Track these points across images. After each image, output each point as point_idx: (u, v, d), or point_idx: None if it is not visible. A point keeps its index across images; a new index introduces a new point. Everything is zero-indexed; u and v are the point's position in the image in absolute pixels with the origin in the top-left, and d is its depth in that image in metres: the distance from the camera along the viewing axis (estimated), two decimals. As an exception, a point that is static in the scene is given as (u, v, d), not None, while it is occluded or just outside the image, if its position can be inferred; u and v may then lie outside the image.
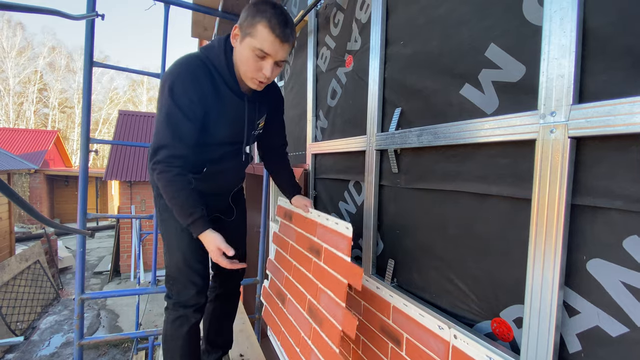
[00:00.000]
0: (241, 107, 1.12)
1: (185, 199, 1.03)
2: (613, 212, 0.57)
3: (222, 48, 1.04)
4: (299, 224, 1.44)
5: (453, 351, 0.84)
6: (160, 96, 1.01)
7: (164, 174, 1.01)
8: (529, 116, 0.67)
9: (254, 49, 0.96)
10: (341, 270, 1.08)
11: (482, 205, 0.81)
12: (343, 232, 1.11)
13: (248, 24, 0.96)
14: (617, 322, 0.57)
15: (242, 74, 1.04)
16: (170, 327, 1.23)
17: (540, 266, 0.66)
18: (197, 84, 1.00)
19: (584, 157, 0.61)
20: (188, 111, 1.00)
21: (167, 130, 0.99)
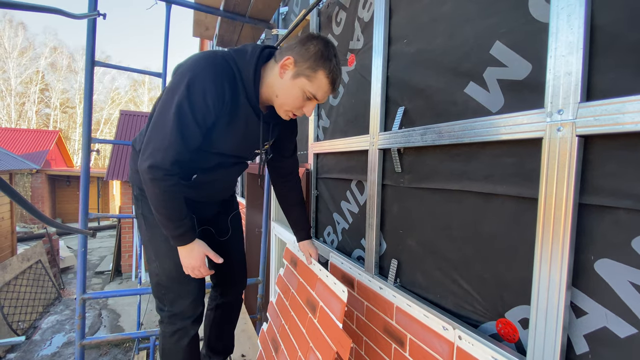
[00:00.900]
0: (256, 126, 1.07)
1: (178, 209, 0.97)
2: (621, 212, 0.56)
3: (254, 59, 0.98)
4: (302, 272, 1.40)
5: (458, 352, 0.83)
6: (174, 88, 0.89)
7: (161, 182, 0.92)
8: (535, 114, 0.66)
9: (306, 91, 0.96)
10: (332, 335, 1.04)
11: (487, 205, 0.80)
12: (339, 294, 1.07)
13: (309, 67, 0.94)
14: (625, 323, 0.56)
15: (278, 103, 1.01)
16: (168, 341, 1.17)
17: (547, 266, 0.65)
18: (219, 87, 0.92)
19: (591, 156, 0.60)
20: (200, 116, 0.91)
21: (174, 130, 0.89)
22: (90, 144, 1.65)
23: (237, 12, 1.95)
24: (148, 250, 1.16)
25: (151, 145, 0.91)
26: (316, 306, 1.18)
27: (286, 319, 1.40)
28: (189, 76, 0.88)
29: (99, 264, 8.33)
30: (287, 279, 1.52)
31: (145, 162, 0.92)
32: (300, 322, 1.27)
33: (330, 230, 1.63)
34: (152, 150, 0.91)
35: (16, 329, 4.79)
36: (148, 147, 0.92)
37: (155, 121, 0.93)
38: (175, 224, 0.98)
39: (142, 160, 0.93)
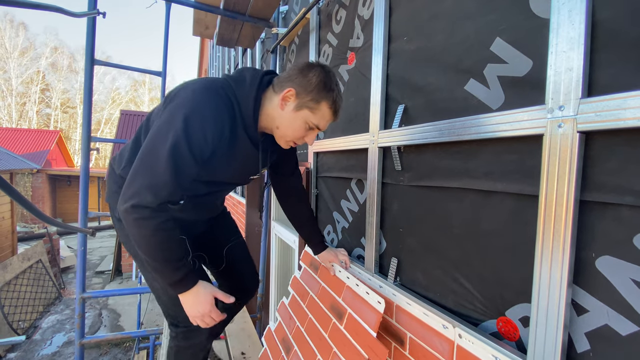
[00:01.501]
0: (253, 155, 1.02)
1: (175, 249, 0.86)
2: (623, 208, 0.56)
3: (254, 90, 0.93)
4: (324, 278, 1.37)
5: (458, 351, 0.82)
6: (169, 121, 0.81)
7: (149, 221, 0.81)
8: (536, 111, 0.65)
9: (309, 122, 0.94)
10: (363, 343, 1.01)
11: (487, 203, 0.80)
12: (374, 305, 1.04)
13: (312, 99, 0.92)
14: (627, 321, 0.56)
15: (280, 134, 0.98)
16: (182, 356, 1.11)
17: (547, 264, 0.64)
18: (218, 120, 0.86)
19: (592, 152, 0.59)
20: (197, 151, 0.84)
21: (168, 169, 0.80)
22: (90, 143, 1.65)
23: (237, 10, 1.95)
24: (146, 271, 1.06)
25: (138, 182, 0.80)
26: (343, 313, 1.16)
27: (302, 321, 1.39)
28: (186, 110, 0.81)
29: (100, 264, 8.33)
30: (306, 282, 1.51)
31: (128, 201, 0.80)
32: (321, 327, 1.25)
33: (330, 229, 1.62)
34: (138, 188, 0.80)
35: (17, 328, 4.79)
36: (134, 184, 0.80)
37: (145, 154, 0.82)
38: (173, 266, 0.86)
39: (125, 198, 0.80)
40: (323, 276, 1.40)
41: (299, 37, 2.02)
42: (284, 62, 2.30)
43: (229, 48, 3.95)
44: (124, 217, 0.82)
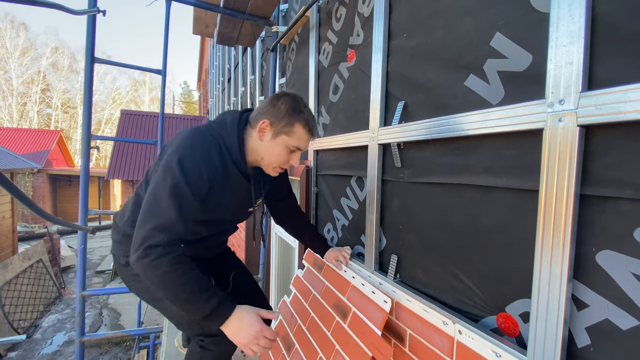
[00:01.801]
0: (245, 188, 1.08)
1: (197, 279, 0.85)
2: (623, 202, 0.56)
3: (235, 128, 1.00)
4: (329, 277, 1.37)
5: (458, 347, 0.82)
6: (166, 168, 0.87)
7: (163, 258, 0.81)
8: (536, 105, 0.65)
9: (289, 146, 1.00)
10: (367, 341, 1.01)
11: (487, 198, 0.80)
12: (380, 304, 1.04)
13: (285, 124, 0.98)
14: (627, 315, 0.55)
15: (265, 164, 1.04)
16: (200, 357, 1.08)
17: (548, 259, 0.64)
18: (209, 158, 0.93)
19: (593, 147, 0.59)
20: (196, 188, 0.89)
21: (172, 207, 0.84)
22: (90, 141, 1.65)
23: (237, 8, 1.95)
24: (158, 303, 1.06)
25: (146, 226, 0.83)
26: (347, 312, 1.16)
27: (304, 319, 1.39)
28: (179, 154, 0.88)
29: (100, 263, 8.34)
30: (309, 281, 1.51)
31: (140, 247, 0.82)
32: (324, 325, 1.25)
33: (330, 227, 1.62)
34: (147, 231, 0.82)
35: (17, 327, 4.80)
36: (142, 229, 0.83)
37: (149, 201, 0.87)
38: (203, 297, 0.84)
39: (137, 246, 0.82)
40: (327, 275, 1.40)
41: (299, 35, 2.02)
42: (284, 61, 2.30)
43: (229, 47, 3.95)
44: (140, 267, 0.83)
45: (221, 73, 5.76)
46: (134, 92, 30.63)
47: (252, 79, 3.25)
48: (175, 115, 9.63)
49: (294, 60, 2.11)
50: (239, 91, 3.88)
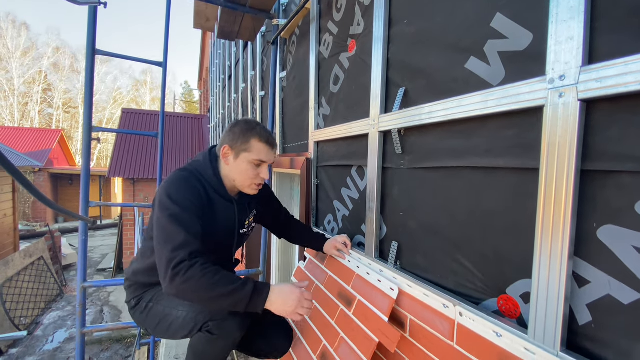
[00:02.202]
0: (231, 210, 1.19)
1: (227, 276, 0.93)
2: (624, 176, 0.56)
3: (207, 159, 1.15)
4: (332, 268, 1.37)
5: (458, 329, 0.82)
6: (159, 207, 1.00)
7: (192, 269, 0.89)
8: (537, 82, 0.65)
9: (252, 161, 1.11)
10: (373, 327, 1.01)
11: (488, 180, 0.80)
12: (387, 292, 1.04)
13: (242, 142, 1.11)
14: (629, 289, 0.55)
15: (239, 184, 1.15)
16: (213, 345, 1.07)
17: (548, 236, 0.64)
18: (191, 188, 1.06)
19: (594, 122, 0.59)
20: (191, 208, 1.01)
21: (178, 231, 0.94)
22: (91, 132, 1.65)
23: (237, 2, 1.95)
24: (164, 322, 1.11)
25: (164, 254, 0.91)
26: (352, 300, 1.16)
27: None
28: (165, 190, 1.02)
29: (101, 262, 8.36)
30: (311, 272, 1.51)
31: (167, 272, 0.89)
32: (327, 314, 1.25)
33: (331, 218, 1.62)
34: (168, 257, 0.91)
35: (18, 324, 4.81)
36: (162, 258, 0.92)
37: (158, 238, 0.96)
38: (240, 286, 0.92)
39: (163, 273, 0.91)
40: (330, 266, 1.40)
41: (299, 28, 2.02)
42: (285, 54, 2.30)
43: (230, 42, 3.95)
44: (174, 289, 0.90)
45: (222, 71, 5.76)
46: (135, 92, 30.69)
47: (253, 75, 3.25)
48: (175, 114, 9.64)
49: (295, 53, 2.12)
50: (240, 87, 3.88)
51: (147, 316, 1.15)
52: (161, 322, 1.11)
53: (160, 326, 1.12)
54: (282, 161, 2.20)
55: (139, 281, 1.19)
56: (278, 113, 2.40)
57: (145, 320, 1.16)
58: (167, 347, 1.56)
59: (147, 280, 1.19)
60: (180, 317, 1.07)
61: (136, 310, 1.19)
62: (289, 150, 2.25)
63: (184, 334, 1.07)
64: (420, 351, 0.94)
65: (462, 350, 0.80)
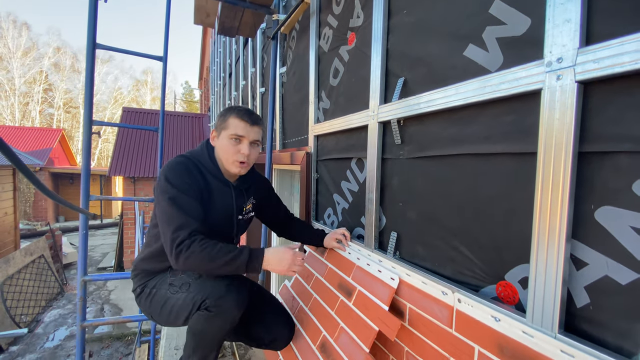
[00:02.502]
0: (228, 194, 1.23)
1: (226, 248, 1.02)
2: (622, 156, 0.56)
3: (204, 147, 1.23)
4: (332, 260, 1.38)
5: (457, 316, 0.82)
6: (159, 192, 1.08)
7: (192, 246, 0.99)
8: (534, 66, 0.65)
9: (230, 136, 1.16)
10: (373, 316, 1.03)
11: (486, 167, 0.80)
12: (387, 281, 1.05)
13: (221, 122, 1.19)
14: (627, 269, 0.55)
15: (225, 163, 1.19)
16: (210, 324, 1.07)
17: (546, 220, 0.64)
18: (189, 172, 1.12)
19: (591, 104, 0.59)
20: (189, 190, 1.08)
21: (177, 213, 1.02)
22: (91, 125, 1.66)
23: (237, -3, 1.95)
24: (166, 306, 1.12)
25: (168, 235, 1.02)
26: (352, 291, 1.17)
27: (306, 301, 1.40)
28: (164, 175, 1.09)
29: (102, 260, 8.36)
30: (311, 264, 1.52)
31: (172, 251, 1.00)
32: (327, 305, 1.26)
33: (331, 211, 1.62)
34: (171, 237, 1.01)
35: (19, 322, 4.81)
36: (167, 240, 1.02)
37: (161, 220, 1.06)
38: (237, 253, 1.02)
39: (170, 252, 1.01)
40: (330, 258, 1.40)
41: (299, 23, 2.03)
42: (285, 50, 2.31)
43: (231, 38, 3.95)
44: (181, 265, 1.00)
45: (222, 69, 5.77)
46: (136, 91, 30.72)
47: (253, 72, 3.25)
48: (176, 113, 9.65)
49: (295, 48, 2.12)
50: (240, 85, 3.89)
51: (151, 302, 1.17)
52: (164, 307, 1.12)
53: (164, 310, 1.13)
54: (282, 156, 2.21)
55: (145, 269, 1.23)
56: (278, 108, 2.40)
57: (150, 306, 1.17)
58: (167, 338, 1.56)
59: (152, 267, 1.21)
60: (180, 298, 1.08)
61: (141, 297, 1.22)
62: (289, 146, 2.25)
63: (186, 316, 1.07)
64: (419, 339, 0.94)
65: (460, 337, 0.81)
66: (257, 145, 1.22)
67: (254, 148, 1.20)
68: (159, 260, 1.19)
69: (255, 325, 1.30)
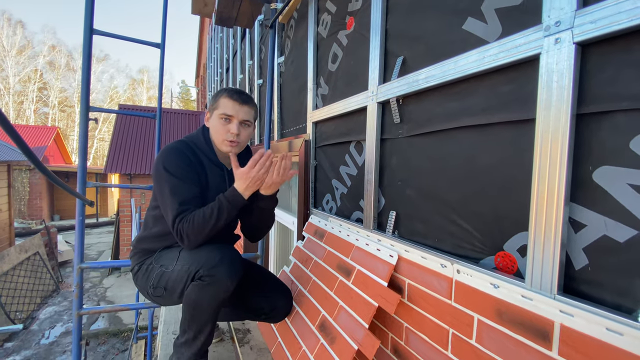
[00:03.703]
0: (222, 177, 1.25)
1: (206, 211, 1.07)
2: (619, 115, 0.56)
3: (200, 130, 1.26)
4: (331, 243, 1.39)
5: (456, 286, 0.83)
6: (157, 179, 1.12)
7: (183, 228, 1.05)
8: (533, 32, 0.66)
9: (220, 116, 1.18)
10: (373, 293, 1.04)
11: (484, 138, 0.80)
12: (386, 259, 1.06)
13: (213, 103, 1.21)
14: (624, 227, 0.56)
15: (216, 142, 1.21)
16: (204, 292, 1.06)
17: (544, 185, 0.65)
18: (184, 156, 1.15)
19: (589, 65, 0.60)
20: (185, 176, 1.11)
21: (174, 202, 1.08)
22: (88, 112, 1.65)
23: (235, -15, 1.95)
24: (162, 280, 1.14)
25: (169, 223, 1.09)
26: (351, 270, 1.18)
27: (305, 284, 1.40)
28: (161, 161, 1.12)
29: (97, 258, 8.31)
30: (310, 249, 1.53)
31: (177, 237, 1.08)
32: (326, 286, 1.26)
33: (329, 197, 1.62)
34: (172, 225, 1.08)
35: (14, 318, 4.77)
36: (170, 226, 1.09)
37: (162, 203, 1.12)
38: (216, 206, 1.08)
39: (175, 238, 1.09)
40: (329, 241, 1.40)
41: (297, 12, 2.03)
42: (283, 40, 2.31)
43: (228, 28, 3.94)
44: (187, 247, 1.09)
45: (219, 64, 5.75)
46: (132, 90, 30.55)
47: (251, 64, 3.25)
48: (173, 110, 9.60)
49: (293, 37, 2.12)
50: (238, 79, 3.88)
51: (147, 278, 1.17)
52: (160, 281, 1.13)
53: (159, 285, 1.13)
54: (280, 146, 2.21)
55: (143, 248, 1.24)
56: (276, 98, 2.40)
57: (146, 283, 1.18)
58: (165, 324, 1.56)
59: (149, 246, 1.23)
60: (175, 270, 1.09)
61: (138, 275, 1.23)
62: (288, 135, 2.25)
63: (181, 288, 1.08)
64: (418, 314, 0.94)
65: (460, 307, 0.81)
66: (247, 126, 1.22)
67: (244, 128, 1.21)
68: (157, 240, 1.20)
69: (254, 296, 1.32)
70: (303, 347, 1.18)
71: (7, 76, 22.94)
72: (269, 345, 1.39)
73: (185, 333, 1.14)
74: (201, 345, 1.14)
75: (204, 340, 1.14)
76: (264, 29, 2.74)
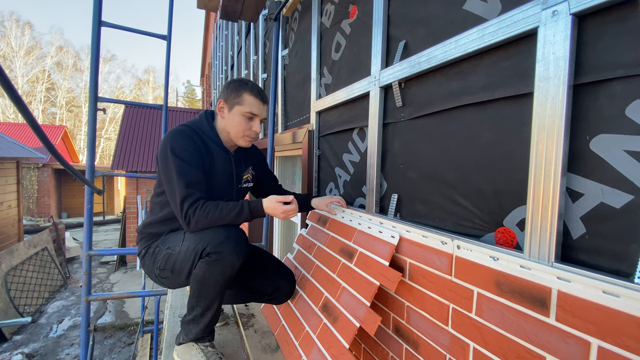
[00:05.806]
0: (228, 161, 1.27)
1: (226, 206, 1.10)
2: (615, 83, 0.57)
3: (203, 116, 1.26)
4: (334, 228, 1.41)
5: (456, 262, 0.84)
6: (164, 162, 1.12)
7: (196, 214, 1.07)
8: (530, 6, 0.67)
9: (244, 113, 1.20)
10: (374, 272, 1.05)
11: (485, 114, 0.82)
12: (387, 240, 1.07)
13: (235, 96, 1.20)
14: (621, 193, 0.57)
15: (233, 136, 1.24)
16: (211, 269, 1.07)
17: (542, 157, 0.66)
18: (191, 140, 1.15)
19: (585, 36, 0.61)
20: (192, 160, 1.12)
21: (181, 184, 1.09)
22: (97, 102, 1.68)
23: (240, -22, 1.97)
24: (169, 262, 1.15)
25: (177, 207, 1.10)
26: (353, 253, 1.20)
27: (308, 269, 1.43)
28: (167, 145, 1.12)
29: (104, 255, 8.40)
30: (313, 235, 1.55)
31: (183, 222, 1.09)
32: (329, 269, 1.29)
33: (332, 185, 1.64)
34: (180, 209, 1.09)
35: (23, 312, 4.85)
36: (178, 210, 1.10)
37: (169, 192, 1.13)
38: (238, 209, 1.11)
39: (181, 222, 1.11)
40: (332, 227, 1.42)
41: (301, 4, 2.05)
42: (287, 33, 2.33)
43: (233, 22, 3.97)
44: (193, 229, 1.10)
45: (224, 62, 5.80)
46: (138, 90, 30.83)
47: (255, 59, 3.28)
48: (178, 109, 9.69)
49: (297, 29, 2.14)
50: (242, 74, 3.91)
51: (154, 261, 1.19)
52: (167, 263, 1.15)
53: (166, 267, 1.15)
54: (284, 138, 2.23)
55: (150, 232, 1.26)
56: (280, 91, 2.42)
57: (153, 265, 1.19)
58: (171, 308, 1.59)
59: (156, 230, 1.25)
60: (182, 251, 1.11)
61: (145, 258, 1.25)
62: (291, 127, 2.27)
63: (189, 268, 1.10)
64: (419, 292, 0.96)
65: (460, 282, 0.82)
66: (263, 122, 1.25)
67: (261, 124, 1.26)
68: (163, 224, 1.22)
69: (257, 278, 1.34)
70: (306, 327, 1.20)
71: (16, 77, 23.28)
72: (272, 328, 1.42)
73: (192, 310, 1.16)
74: (208, 322, 1.17)
75: (211, 317, 1.17)
76: (269, 23, 2.77)
